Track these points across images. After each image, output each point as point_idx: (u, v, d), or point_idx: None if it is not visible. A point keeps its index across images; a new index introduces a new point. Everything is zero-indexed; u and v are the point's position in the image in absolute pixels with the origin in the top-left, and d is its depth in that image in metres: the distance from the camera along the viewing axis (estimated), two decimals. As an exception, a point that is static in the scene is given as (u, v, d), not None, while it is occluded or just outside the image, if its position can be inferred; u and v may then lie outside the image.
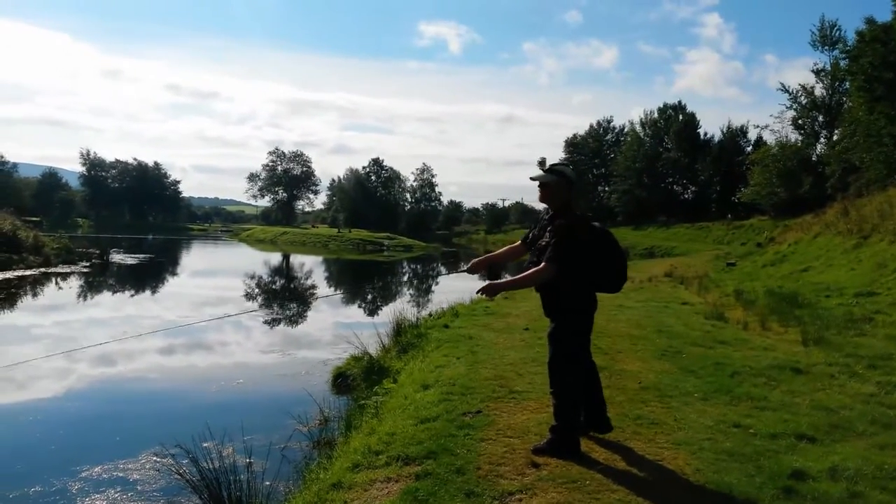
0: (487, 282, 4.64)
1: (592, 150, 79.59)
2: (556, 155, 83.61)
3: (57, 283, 23.28)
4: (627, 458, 4.54)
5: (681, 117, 68.53)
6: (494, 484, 4.08)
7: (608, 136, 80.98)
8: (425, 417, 5.41)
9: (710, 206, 63.32)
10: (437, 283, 32.14)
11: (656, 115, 71.07)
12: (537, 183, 4.65)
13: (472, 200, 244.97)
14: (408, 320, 11.31)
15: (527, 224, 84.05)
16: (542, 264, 4.40)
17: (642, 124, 72.26)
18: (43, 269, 25.86)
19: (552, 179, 4.60)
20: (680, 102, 70.61)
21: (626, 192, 69.01)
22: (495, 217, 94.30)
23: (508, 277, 4.82)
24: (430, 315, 12.35)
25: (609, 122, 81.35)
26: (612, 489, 4.01)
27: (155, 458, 6.29)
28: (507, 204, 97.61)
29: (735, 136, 64.10)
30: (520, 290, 4.75)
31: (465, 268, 4.93)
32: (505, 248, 5.04)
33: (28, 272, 24.62)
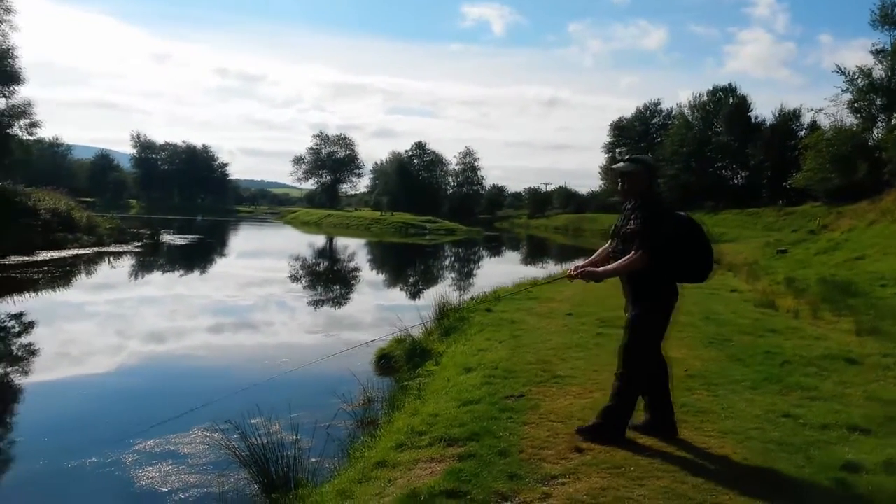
0: (585, 268, 4.64)
1: (639, 133, 78.23)
2: (601, 139, 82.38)
3: (110, 262, 24.02)
4: (673, 445, 4.48)
5: (731, 100, 66.68)
6: (537, 467, 4.08)
7: (655, 120, 79.46)
8: (468, 400, 5.44)
9: (760, 192, 61.69)
10: (478, 268, 32.13)
11: (706, 97, 69.30)
12: (618, 173, 4.60)
13: (515, 184, 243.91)
14: (450, 303, 11.35)
15: (570, 209, 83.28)
16: (638, 252, 4.36)
17: (691, 107, 70.55)
18: (96, 249, 26.69)
19: (633, 168, 4.56)
20: (731, 85, 68.64)
21: (672, 177, 67.60)
22: (538, 201, 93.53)
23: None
24: (472, 298, 12.37)
25: (657, 105, 79.81)
26: (656, 476, 3.98)
27: (205, 433, 6.47)
28: (550, 188, 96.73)
29: (788, 119, 62.11)
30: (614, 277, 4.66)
31: (568, 275, 4.84)
32: (600, 250, 4.92)
33: (82, 251, 25.44)
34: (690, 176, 65.73)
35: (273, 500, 4.45)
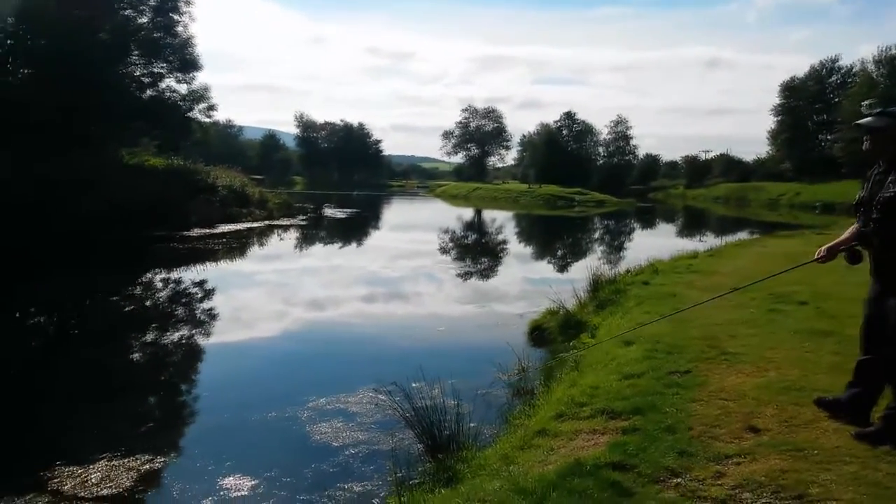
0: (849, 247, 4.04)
1: (813, 94, 71.58)
2: (767, 101, 76.12)
3: (278, 234, 25.87)
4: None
5: (926, 52, 59.08)
6: (709, 445, 3.90)
7: (832, 78, 72.24)
8: (630, 374, 5.30)
9: (960, 156, 54.40)
10: (630, 241, 31.14)
11: (895, 51, 61.88)
12: (864, 130, 4.00)
13: (670, 153, 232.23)
14: (604, 276, 11.09)
15: (733, 178, 78.14)
16: None
17: (876, 63, 63.34)
18: (267, 222, 28.84)
19: (884, 124, 3.93)
20: (926, 35, 60.75)
21: (853, 141, 61.20)
22: (696, 170, 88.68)
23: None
24: (627, 271, 12.00)
25: (834, 61, 72.43)
26: (844, 461, 3.66)
27: (371, 394, 6.83)
28: (710, 156, 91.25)
29: None
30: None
31: (818, 257, 4.26)
32: (851, 229, 4.27)
33: (255, 224, 27.60)
34: (873, 139, 59.27)
35: (439, 460, 4.61)
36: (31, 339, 10.45)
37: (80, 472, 5.27)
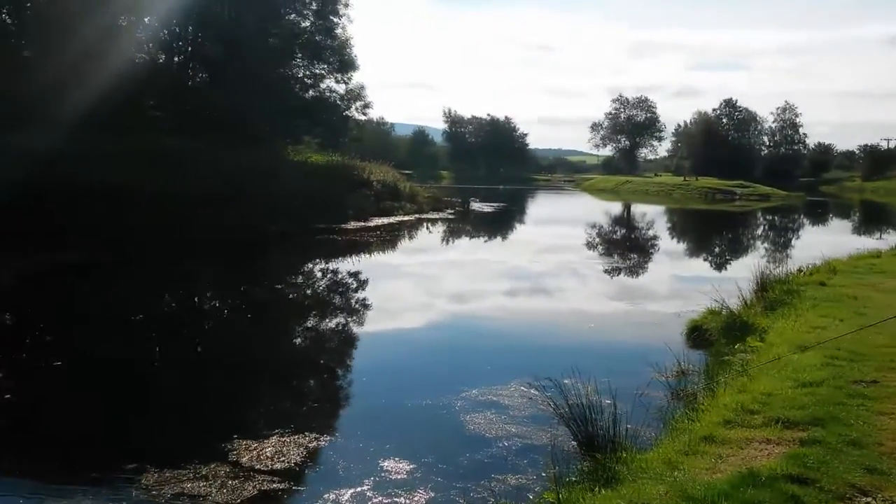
0: None
1: None
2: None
3: (428, 227, 26.56)
4: None
5: None
6: (903, 465, 3.53)
7: None
8: (807, 381, 4.92)
9: None
10: (798, 238, 28.96)
11: None
12: None
13: (846, 142, 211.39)
14: (772, 275, 10.33)
15: (920, 168, 69.88)
16: None
17: None
18: (417, 216, 29.67)
19: None
20: None
21: None
22: (876, 161, 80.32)
23: None
24: (799, 270, 11.10)
25: None
26: None
27: (523, 388, 6.84)
28: (893, 145, 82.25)
29: None
30: None
31: None
32: None
33: (405, 218, 28.48)
34: None
35: (597, 460, 4.52)
36: (207, 323, 11.49)
37: (255, 445, 5.71)
